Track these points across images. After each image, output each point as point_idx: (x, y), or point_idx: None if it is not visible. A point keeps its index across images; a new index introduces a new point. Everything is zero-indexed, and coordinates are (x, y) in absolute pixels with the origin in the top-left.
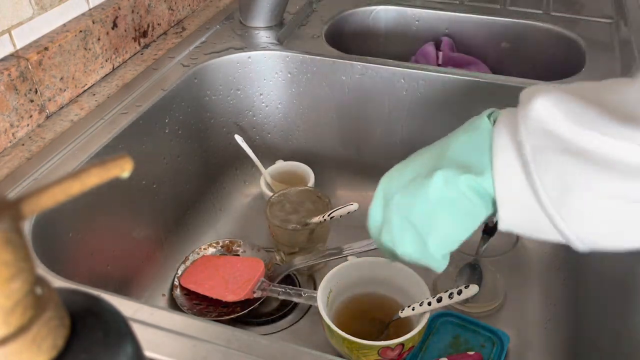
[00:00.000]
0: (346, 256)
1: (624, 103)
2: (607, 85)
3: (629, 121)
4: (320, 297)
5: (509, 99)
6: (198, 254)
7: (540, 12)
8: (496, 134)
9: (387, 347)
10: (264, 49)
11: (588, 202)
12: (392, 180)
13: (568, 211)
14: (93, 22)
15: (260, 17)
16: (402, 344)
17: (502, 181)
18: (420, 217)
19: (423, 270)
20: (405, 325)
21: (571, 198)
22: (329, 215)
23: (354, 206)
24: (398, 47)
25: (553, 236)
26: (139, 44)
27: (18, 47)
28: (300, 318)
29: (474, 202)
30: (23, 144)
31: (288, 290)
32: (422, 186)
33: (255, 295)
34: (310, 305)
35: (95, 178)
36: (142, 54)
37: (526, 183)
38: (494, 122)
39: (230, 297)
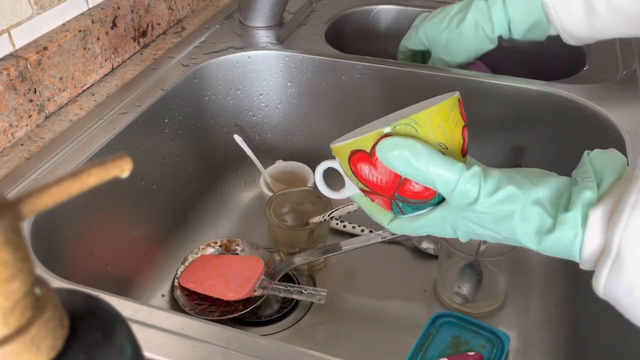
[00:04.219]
0: (345, 252)
1: None
2: None
3: None
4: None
5: (509, 99)
6: (196, 254)
7: None
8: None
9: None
10: (263, 48)
11: None
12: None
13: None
14: (92, 22)
15: (260, 17)
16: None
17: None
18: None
19: (423, 271)
20: None
21: None
22: (329, 215)
23: (354, 206)
24: (398, 47)
25: None
26: (139, 44)
27: (17, 47)
28: (302, 317)
29: None
30: (22, 144)
31: (289, 288)
32: None
33: (256, 294)
34: (312, 304)
35: (94, 178)
36: (141, 53)
37: None
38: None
39: (231, 296)
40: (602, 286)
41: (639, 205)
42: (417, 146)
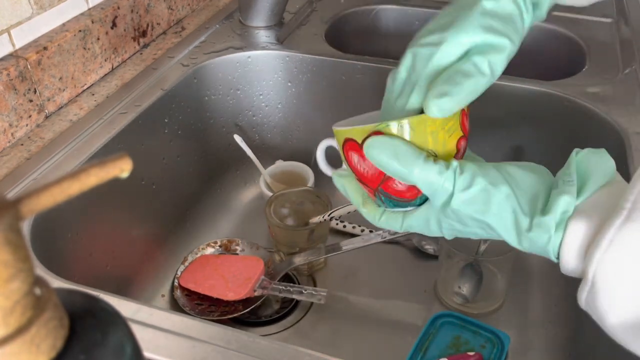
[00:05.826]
0: (345, 252)
1: None
2: None
3: None
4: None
5: (509, 99)
6: (196, 254)
7: None
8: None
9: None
10: (263, 48)
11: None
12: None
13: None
14: (92, 22)
15: (260, 17)
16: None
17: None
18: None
19: (423, 271)
20: None
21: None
22: (329, 215)
23: (354, 206)
24: (398, 47)
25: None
26: (138, 44)
27: (17, 47)
28: (302, 317)
29: None
30: (22, 144)
31: (289, 288)
32: None
33: (256, 294)
34: (312, 304)
35: (94, 178)
36: (141, 53)
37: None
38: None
39: (231, 296)
40: (584, 304)
41: (616, 241)
42: (401, 148)
